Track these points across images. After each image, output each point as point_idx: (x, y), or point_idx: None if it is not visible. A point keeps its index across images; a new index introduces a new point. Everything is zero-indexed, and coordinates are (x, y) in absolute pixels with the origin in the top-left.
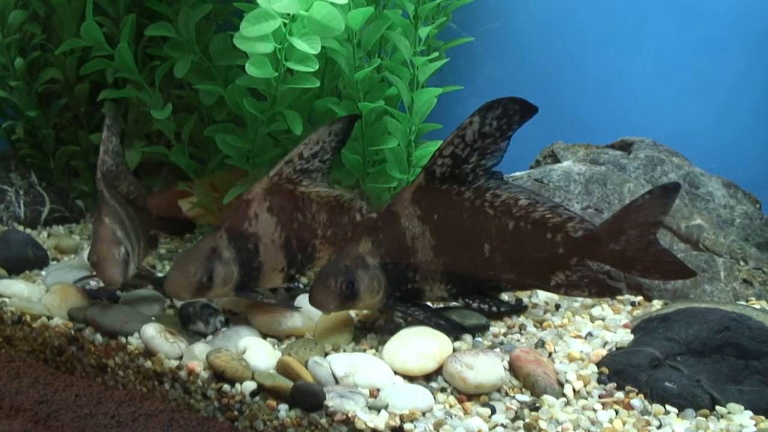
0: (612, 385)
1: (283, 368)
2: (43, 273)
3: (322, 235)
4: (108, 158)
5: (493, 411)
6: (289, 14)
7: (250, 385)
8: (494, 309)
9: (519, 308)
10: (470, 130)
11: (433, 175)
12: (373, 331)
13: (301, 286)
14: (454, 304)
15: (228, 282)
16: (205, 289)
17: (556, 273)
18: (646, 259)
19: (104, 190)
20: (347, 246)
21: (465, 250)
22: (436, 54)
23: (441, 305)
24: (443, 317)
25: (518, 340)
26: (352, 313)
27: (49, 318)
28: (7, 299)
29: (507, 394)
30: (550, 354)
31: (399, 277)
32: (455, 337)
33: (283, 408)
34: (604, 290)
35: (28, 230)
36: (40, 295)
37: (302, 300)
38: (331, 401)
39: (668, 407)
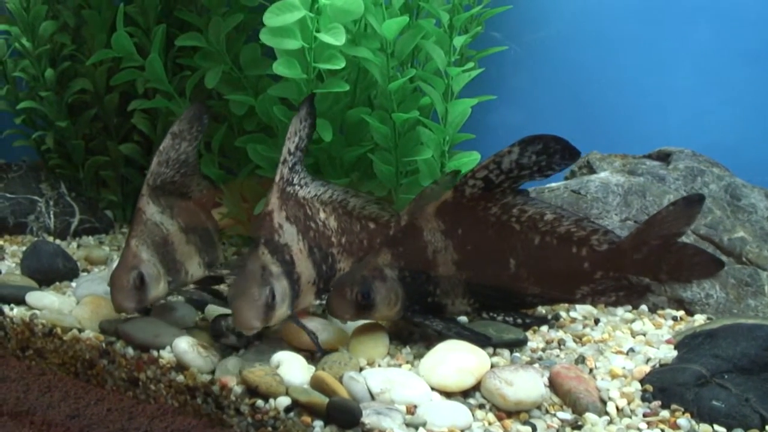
0: (657, 404)
1: (317, 384)
2: (74, 284)
3: (337, 243)
4: (165, 170)
5: (534, 429)
6: (312, 5)
7: (284, 401)
8: (519, 321)
9: (544, 320)
10: (508, 159)
11: (462, 194)
12: (408, 345)
13: None
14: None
15: (285, 298)
16: (271, 310)
17: (581, 287)
18: (670, 261)
19: (145, 207)
20: (367, 256)
21: (490, 264)
22: (471, 64)
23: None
24: (467, 329)
25: (557, 356)
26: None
27: (80, 330)
28: (38, 311)
29: (548, 412)
30: (591, 370)
31: (418, 290)
32: (493, 352)
33: (318, 424)
34: (630, 294)
35: (58, 241)
36: (70, 308)
37: None
38: (368, 418)
39: (716, 427)
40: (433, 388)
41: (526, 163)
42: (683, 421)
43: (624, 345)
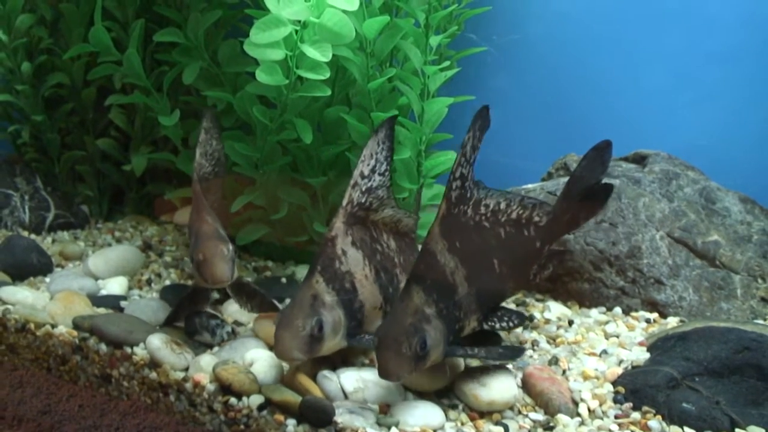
0: (628, 405)
1: (291, 382)
2: (48, 280)
3: (398, 263)
4: (205, 162)
5: (506, 429)
6: (299, 21)
7: (257, 399)
8: (510, 323)
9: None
10: (469, 146)
11: (451, 200)
12: None
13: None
14: None
15: (338, 329)
16: (317, 342)
17: (533, 266)
18: (584, 208)
19: (201, 195)
20: (400, 300)
21: (485, 270)
22: (447, 63)
23: None
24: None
25: (531, 357)
26: None
27: (53, 326)
28: (11, 306)
29: (520, 413)
30: (564, 372)
31: (451, 319)
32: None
33: (291, 423)
34: (559, 258)
35: (33, 236)
36: (44, 303)
37: None
38: (341, 417)
39: (686, 429)
40: (406, 388)
41: (477, 144)
42: (654, 423)
43: (597, 347)
